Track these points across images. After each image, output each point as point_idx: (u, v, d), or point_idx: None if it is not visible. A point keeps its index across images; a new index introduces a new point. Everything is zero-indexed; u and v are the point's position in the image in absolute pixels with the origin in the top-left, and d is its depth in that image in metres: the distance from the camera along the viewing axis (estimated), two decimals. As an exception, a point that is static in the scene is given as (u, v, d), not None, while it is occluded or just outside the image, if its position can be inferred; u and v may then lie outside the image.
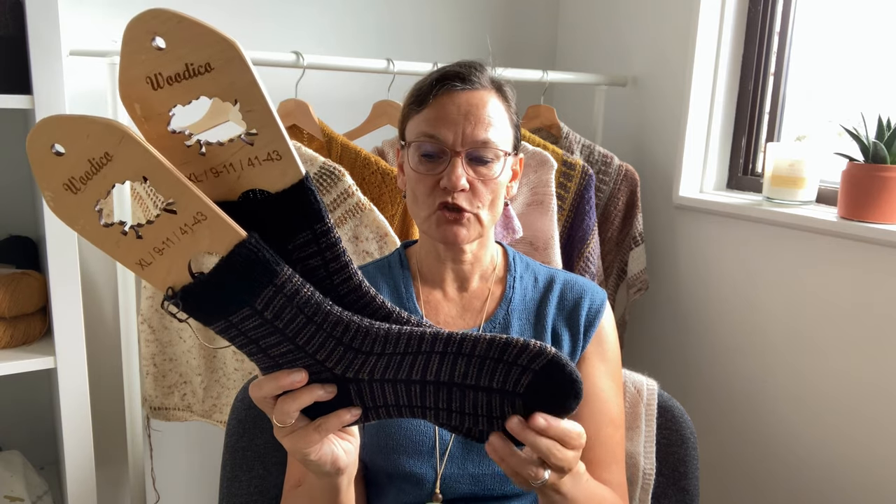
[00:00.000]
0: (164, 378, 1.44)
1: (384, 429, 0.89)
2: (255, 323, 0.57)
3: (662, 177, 1.76)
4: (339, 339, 0.60)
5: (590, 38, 1.95)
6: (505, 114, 0.91)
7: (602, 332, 0.97)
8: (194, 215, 0.53)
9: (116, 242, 0.54)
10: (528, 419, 0.60)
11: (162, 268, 0.55)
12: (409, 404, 0.62)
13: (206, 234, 0.54)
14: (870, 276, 1.35)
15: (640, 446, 1.10)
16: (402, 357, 0.60)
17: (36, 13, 1.02)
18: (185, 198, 0.52)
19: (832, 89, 1.57)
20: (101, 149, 0.51)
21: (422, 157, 0.88)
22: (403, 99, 0.95)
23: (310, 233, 0.59)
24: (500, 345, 0.59)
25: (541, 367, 0.58)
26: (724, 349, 1.64)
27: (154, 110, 0.54)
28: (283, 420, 0.62)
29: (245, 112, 0.53)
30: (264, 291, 0.56)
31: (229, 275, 0.55)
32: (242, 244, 0.54)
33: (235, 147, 0.55)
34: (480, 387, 0.59)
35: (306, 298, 0.57)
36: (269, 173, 0.56)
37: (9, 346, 1.17)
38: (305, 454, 0.64)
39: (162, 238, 0.54)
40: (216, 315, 0.57)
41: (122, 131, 0.50)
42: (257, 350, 0.60)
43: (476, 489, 0.89)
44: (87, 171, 0.51)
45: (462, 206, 0.87)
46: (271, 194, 0.57)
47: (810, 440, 1.47)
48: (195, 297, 0.55)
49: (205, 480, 1.77)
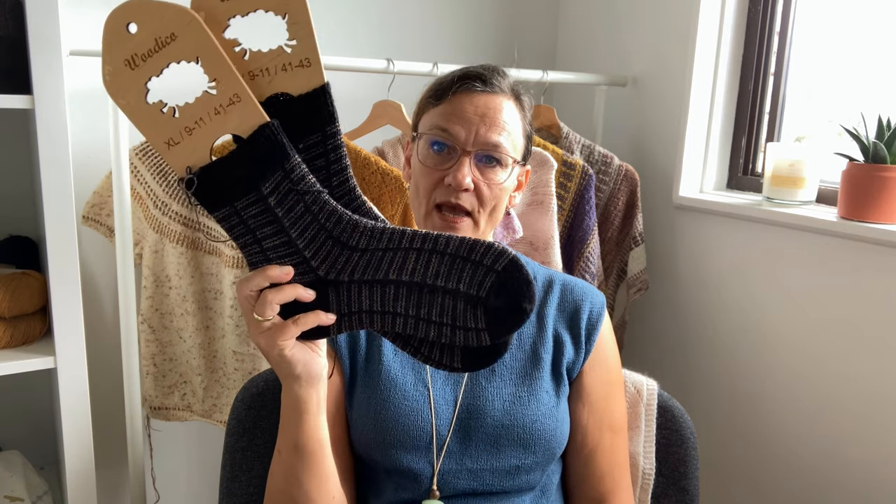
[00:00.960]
0: (164, 378, 1.44)
1: (381, 424, 0.89)
2: (258, 209, 0.64)
3: (662, 177, 1.76)
4: (330, 231, 0.66)
5: (590, 38, 1.95)
6: (520, 122, 0.91)
7: (602, 336, 0.97)
8: (231, 97, 0.61)
9: (154, 119, 0.61)
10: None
11: (188, 147, 0.62)
12: (382, 310, 0.66)
13: (237, 115, 0.61)
14: (870, 276, 1.35)
15: (640, 446, 1.10)
16: (383, 253, 0.66)
17: (36, 13, 1.02)
18: (228, 80, 0.60)
19: (832, 89, 1.57)
20: (170, 29, 0.58)
21: (431, 150, 0.88)
22: (421, 93, 0.95)
23: (320, 134, 0.67)
24: (469, 244, 0.64)
25: (502, 268, 0.62)
26: (724, 349, 1.64)
27: (216, 18, 0.62)
28: (263, 312, 0.66)
29: (291, 24, 0.63)
30: (274, 174, 0.63)
31: (248, 154, 0.62)
32: (267, 125, 0.62)
33: (275, 54, 0.64)
34: (448, 289, 0.64)
35: (308, 185, 0.64)
36: (297, 78, 0.65)
37: (9, 346, 1.17)
38: (280, 347, 0.67)
39: (196, 118, 0.61)
40: (224, 199, 0.63)
41: (192, 15, 0.59)
42: (253, 241, 0.65)
43: (475, 484, 0.89)
44: (151, 49, 0.59)
45: (463, 206, 0.87)
46: (293, 97, 0.65)
47: (810, 440, 1.47)
48: (211, 177, 0.62)
49: (205, 480, 1.77)
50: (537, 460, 0.90)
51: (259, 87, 0.65)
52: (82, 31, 1.42)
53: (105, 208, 1.39)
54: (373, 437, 0.89)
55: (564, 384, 0.94)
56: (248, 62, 0.64)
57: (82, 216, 1.40)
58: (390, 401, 0.89)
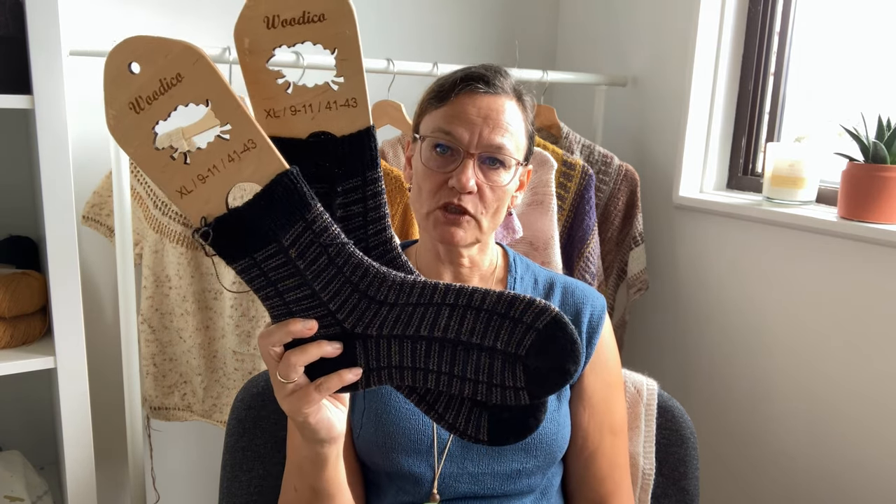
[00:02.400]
0: (164, 378, 1.44)
1: (382, 427, 0.89)
2: (279, 261, 0.59)
3: (662, 177, 1.76)
4: (356, 284, 0.61)
5: (590, 38, 1.95)
6: (522, 123, 0.91)
7: (603, 339, 0.97)
8: (245, 143, 0.56)
9: (164, 166, 0.56)
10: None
11: (201, 196, 0.57)
12: (413, 366, 0.62)
13: (253, 162, 0.57)
14: (870, 276, 1.35)
15: (640, 446, 1.10)
16: (414, 308, 0.61)
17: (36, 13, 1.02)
18: (241, 125, 0.56)
19: (832, 89, 1.57)
20: (175, 69, 0.54)
21: (434, 153, 0.88)
22: (422, 94, 0.95)
23: (360, 179, 0.63)
24: (508, 299, 0.60)
25: (544, 326, 0.58)
26: (724, 349, 1.64)
27: (261, 46, 0.59)
28: (287, 374, 0.62)
29: (340, 60, 0.60)
30: (295, 226, 0.58)
31: (266, 204, 0.57)
32: (285, 173, 0.57)
33: (320, 90, 0.61)
34: (485, 346, 0.60)
35: (332, 237, 0.60)
36: (341, 118, 0.61)
37: (9, 346, 1.17)
38: (305, 415, 0.64)
39: (209, 165, 0.57)
40: (242, 251, 0.59)
41: (199, 53, 0.54)
42: (274, 294, 0.61)
43: (476, 488, 0.89)
44: (156, 91, 0.55)
45: (466, 209, 0.87)
46: (335, 137, 0.62)
47: (810, 440, 1.47)
48: (228, 228, 0.58)
49: (205, 480, 1.77)
50: (538, 464, 0.91)
51: (301, 122, 0.62)
52: (82, 31, 1.42)
53: (105, 208, 1.39)
54: (374, 441, 0.89)
55: (565, 388, 0.94)
56: (291, 96, 0.61)
57: (82, 216, 1.40)
58: (391, 404, 0.89)
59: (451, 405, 0.64)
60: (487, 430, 0.63)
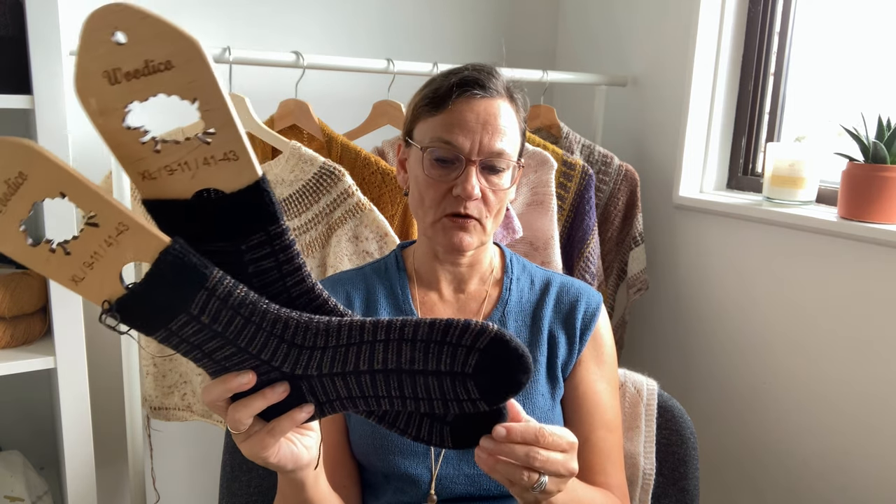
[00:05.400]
0: (164, 378, 1.44)
1: (378, 429, 0.89)
2: (195, 328, 0.57)
3: (662, 177, 1.76)
4: (281, 336, 0.59)
5: (590, 38, 1.95)
6: (516, 122, 0.91)
7: (598, 334, 0.97)
8: (116, 226, 0.53)
9: (46, 260, 0.54)
10: (487, 425, 0.61)
11: (95, 282, 0.54)
12: (363, 395, 0.61)
13: (131, 244, 0.54)
14: (870, 277, 1.35)
15: (640, 446, 1.10)
16: (347, 349, 0.60)
17: (36, 13, 1.02)
18: (105, 210, 0.53)
19: (832, 89, 1.57)
20: (15, 168, 0.51)
21: (435, 162, 0.88)
22: (413, 96, 0.94)
23: (264, 234, 0.58)
24: (442, 327, 0.58)
25: (485, 346, 0.57)
26: (724, 349, 1.65)
27: (110, 105, 0.53)
28: (235, 427, 0.62)
29: (204, 111, 0.52)
30: (197, 296, 0.55)
31: (159, 282, 0.54)
32: (167, 251, 0.54)
33: (192, 145, 0.54)
34: (429, 371, 0.59)
35: (240, 299, 0.57)
36: (224, 173, 0.55)
37: (9, 346, 1.17)
38: (264, 458, 0.64)
39: (90, 252, 0.54)
40: (155, 324, 0.56)
41: (31, 150, 0.50)
42: (202, 356, 0.59)
43: (472, 489, 0.89)
44: (6, 193, 0.51)
45: (472, 216, 0.88)
46: (226, 194, 0.56)
47: (810, 440, 1.47)
48: (130, 308, 0.55)
49: (205, 480, 1.77)
50: None
51: (181, 182, 0.55)
52: (82, 31, 1.42)
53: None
54: (370, 443, 0.89)
55: (560, 386, 0.94)
56: (162, 155, 0.54)
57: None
58: None
59: (412, 420, 0.64)
60: (451, 437, 0.64)
